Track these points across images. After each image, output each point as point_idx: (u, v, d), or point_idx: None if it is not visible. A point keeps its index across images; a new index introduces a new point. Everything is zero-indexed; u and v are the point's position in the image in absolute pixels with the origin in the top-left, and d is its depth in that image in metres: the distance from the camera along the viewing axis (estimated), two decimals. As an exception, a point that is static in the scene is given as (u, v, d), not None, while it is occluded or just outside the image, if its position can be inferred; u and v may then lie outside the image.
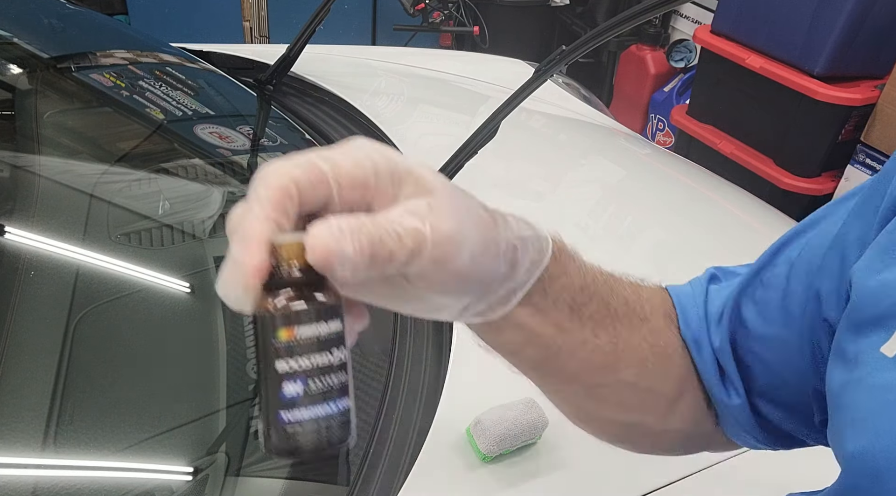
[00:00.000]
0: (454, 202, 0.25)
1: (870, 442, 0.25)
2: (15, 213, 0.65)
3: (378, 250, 0.23)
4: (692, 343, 0.37)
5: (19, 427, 0.50)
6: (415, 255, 0.24)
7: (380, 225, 0.23)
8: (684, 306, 0.38)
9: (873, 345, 0.27)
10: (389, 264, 0.23)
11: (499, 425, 0.60)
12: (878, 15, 1.54)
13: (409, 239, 0.24)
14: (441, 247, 0.24)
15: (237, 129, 0.98)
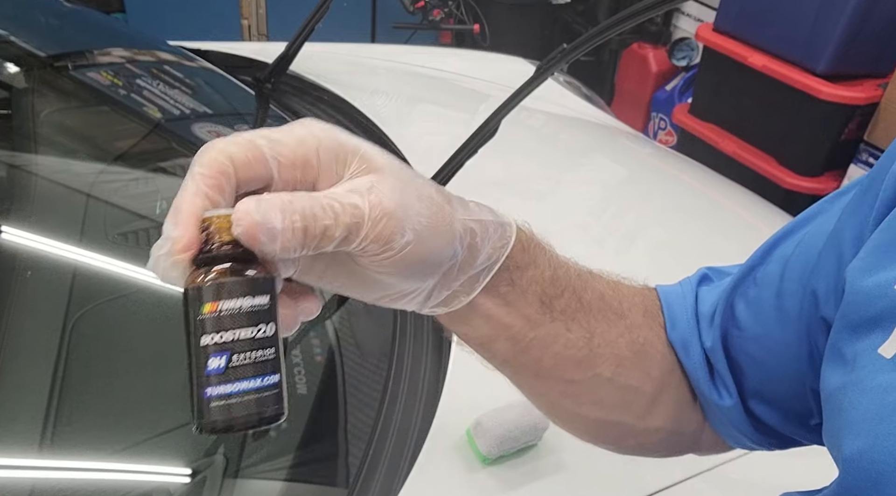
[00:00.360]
0: (400, 181, 0.25)
1: (869, 445, 0.25)
2: (12, 212, 0.65)
3: (311, 225, 0.23)
4: (679, 344, 0.37)
5: (16, 428, 0.50)
6: (352, 232, 0.23)
7: (316, 200, 0.23)
8: (672, 307, 0.38)
9: (871, 347, 0.26)
10: (325, 241, 0.23)
11: (499, 427, 0.59)
12: (881, 13, 1.53)
13: (347, 215, 0.23)
14: (380, 223, 0.24)
15: (235, 127, 0.98)
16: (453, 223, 0.27)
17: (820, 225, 0.34)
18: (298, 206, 0.23)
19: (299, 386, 0.63)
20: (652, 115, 2.38)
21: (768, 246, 0.37)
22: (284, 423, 0.60)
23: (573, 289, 0.32)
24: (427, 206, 0.26)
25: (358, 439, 0.60)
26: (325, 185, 0.25)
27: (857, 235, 0.30)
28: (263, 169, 0.24)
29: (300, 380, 0.64)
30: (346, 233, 0.24)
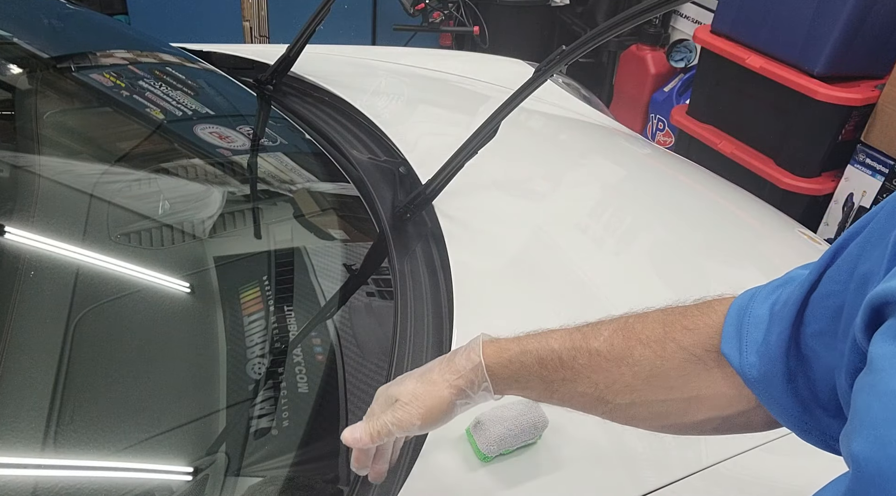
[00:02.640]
0: (408, 401, 0.48)
1: (877, 450, 0.25)
2: (15, 212, 0.65)
3: (373, 433, 0.48)
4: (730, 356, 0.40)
5: (19, 427, 0.50)
6: (389, 434, 0.48)
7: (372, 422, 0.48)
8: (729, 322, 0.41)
9: (892, 352, 0.26)
10: (378, 438, 0.48)
11: (498, 425, 0.60)
12: (878, 15, 1.54)
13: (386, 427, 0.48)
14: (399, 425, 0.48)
15: (237, 129, 0.98)
16: (442, 396, 0.47)
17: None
18: (366, 428, 0.48)
19: (300, 385, 0.64)
20: (650, 116, 2.39)
21: (839, 244, 0.37)
22: (286, 422, 0.60)
23: (562, 363, 0.45)
24: (421, 401, 0.47)
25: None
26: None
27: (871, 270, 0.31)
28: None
29: (301, 380, 0.64)
30: (389, 435, 0.48)
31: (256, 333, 0.66)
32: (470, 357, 0.47)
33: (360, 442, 0.48)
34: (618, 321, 0.45)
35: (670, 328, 0.43)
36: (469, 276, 0.79)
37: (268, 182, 0.92)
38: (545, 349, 0.45)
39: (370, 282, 0.80)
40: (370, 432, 0.47)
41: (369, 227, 0.87)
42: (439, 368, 0.49)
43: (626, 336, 0.43)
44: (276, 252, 0.78)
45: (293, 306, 0.71)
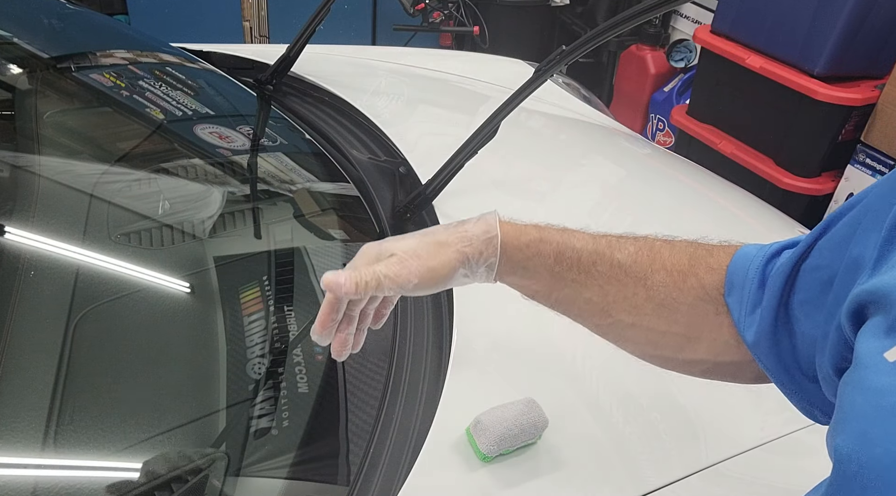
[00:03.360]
0: (407, 255, 0.43)
1: (858, 446, 0.25)
2: (15, 212, 0.65)
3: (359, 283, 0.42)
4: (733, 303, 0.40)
5: (19, 427, 0.50)
6: (379, 286, 0.43)
7: (359, 271, 0.43)
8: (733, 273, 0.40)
9: (878, 349, 0.26)
10: (367, 290, 0.42)
11: (498, 425, 0.60)
12: (877, 15, 1.54)
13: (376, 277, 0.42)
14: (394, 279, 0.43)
15: (237, 129, 0.98)
16: (448, 258, 0.43)
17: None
18: (353, 274, 0.42)
19: (300, 385, 0.64)
20: (650, 116, 2.39)
21: (832, 217, 0.37)
22: (286, 422, 0.60)
23: (580, 264, 0.43)
24: (424, 259, 0.43)
25: (358, 437, 0.60)
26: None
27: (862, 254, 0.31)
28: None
29: (301, 380, 0.64)
30: (378, 288, 0.42)
31: (256, 333, 0.66)
32: (485, 227, 0.44)
33: (342, 287, 0.40)
34: (644, 240, 0.44)
35: (696, 263, 0.42)
36: (469, 276, 0.79)
37: (268, 182, 0.92)
38: (566, 245, 0.44)
39: (370, 282, 0.80)
40: (356, 280, 0.41)
41: (369, 227, 0.87)
42: (446, 231, 0.45)
43: (652, 257, 0.42)
44: (276, 252, 0.78)
45: (293, 306, 0.71)
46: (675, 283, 0.41)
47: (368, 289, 0.42)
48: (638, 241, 0.44)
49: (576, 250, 0.43)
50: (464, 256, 0.43)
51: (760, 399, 0.73)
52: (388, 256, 0.43)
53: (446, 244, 0.44)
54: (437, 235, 0.44)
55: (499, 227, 0.44)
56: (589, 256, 0.43)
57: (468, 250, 0.43)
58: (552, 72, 0.78)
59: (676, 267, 0.42)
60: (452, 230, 0.45)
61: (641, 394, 0.70)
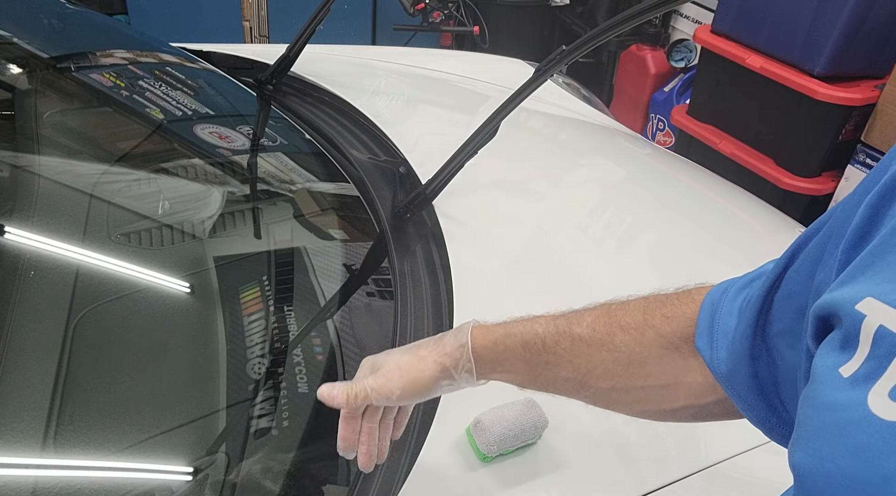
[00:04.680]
0: (390, 370, 0.48)
1: (814, 463, 0.25)
2: (15, 212, 0.65)
3: (350, 397, 0.48)
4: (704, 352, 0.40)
5: (19, 427, 0.50)
6: (367, 399, 0.48)
7: (351, 385, 0.48)
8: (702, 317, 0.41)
9: (833, 364, 0.26)
10: (357, 402, 0.48)
11: (498, 425, 0.60)
12: (878, 15, 1.54)
13: (364, 391, 0.48)
14: (378, 392, 0.48)
15: (237, 128, 0.98)
16: (426, 370, 0.48)
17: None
18: (346, 388, 0.48)
19: (300, 385, 0.64)
20: (650, 116, 2.39)
21: (799, 242, 0.37)
22: (286, 422, 0.60)
23: (545, 347, 0.46)
24: (405, 372, 0.48)
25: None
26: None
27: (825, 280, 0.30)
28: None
29: (301, 380, 0.64)
30: (365, 400, 0.48)
31: (256, 333, 0.66)
32: (458, 337, 0.49)
33: (335, 399, 0.47)
34: (601, 308, 0.46)
35: (650, 316, 0.43)
36: (469, 276, 0.79)
37: (268, 182, 0.92)
38: (529, 333, 0.47)
39: (370, 282, 0.80)
40: (347, 392, 0.47)
41: (369, 227, 0.87)
42: (427, 345, 0.50)
43: (608, 322, 0.44)
44: (275, 252, 0.78)
45: (293, 306, 0.71)
46: (635, 340, 0.43)
47: (358, 400, 0.48)
48: (595, 310, 0.46)
49: (539, 335, 0.46)
50: (442, 368, 0.48)
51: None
52: (377, 370, 0.49)
53: (426, 358, 0.49)
54: (420, 350, 0.49)
55: (470, 335, 0.48)
56: (552, 338, 0.46)
57: (446, 361, 0.48)
58: (552, 72, 0.78)
59: (632, 325, 0.43)
60: (433, 344, 0.50)
61: (641, 394, 0.70)
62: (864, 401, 0.24)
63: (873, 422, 0.24)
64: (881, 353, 0.25)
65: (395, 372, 0.48)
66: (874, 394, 0.24)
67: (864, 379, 0.25)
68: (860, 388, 0.25)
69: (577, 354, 0.45)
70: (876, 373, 0.24)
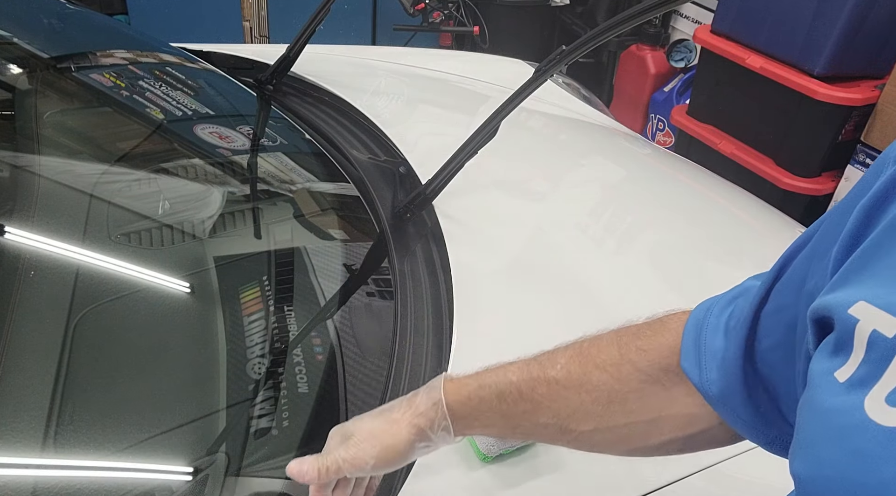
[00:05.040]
0: (361, 438, 0.46)
1: (814, 470, 0.25)
2: (15, 213, 0.65)
3: (321, 470, 0.46)
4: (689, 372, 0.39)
5: (19, 427, 0.50)
6: (340, 471, 0.46)
7: (323, 459, 0.46)
8: (687, 339, 0.40)
9: (829, 369, 0.26)
10: (328, 476, 0.45)
11: (499, 425, 0.60)
12: (878, 15, 1.54)
13: (336, 463, 0.46)
14: (352, 463, 0.46)
15: (237, 129, 0.98)
16: (401, 435, 0.45)
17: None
18: (314, 462, 0.46)
19: (300, 385, 0.64)
20: (650, 116, 2.39)
21: (786, 257, 0.36)
22: (286, 422, 0.60)
23: (521, 395, 0.44)
24: (378, 439, 0.45)
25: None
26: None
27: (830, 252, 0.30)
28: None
29: (301, 380, 0.64)
30: (337, 473, 0.45)
31: (256, 333, 0.66)
32: (430, 395, 0.46)
33: (305, 475, 0.45)
34: (573, 347, 0.44)
35: (625, 350, 0.42)
36: (469, 276, 0.79)
37: (268, 182, 0.92)
38: (503, 382, 0.45)
39: (370, 282, 0.80)
40: (318, 467, 0.45)
41: (369, 227, 0.87)
42: (399, 407, 0.47)
43: (583, 362, 0.43)
44: (276, 252, 0.78)
45: (293, 306, 0.71)
46: (612, 378, 0.42)
47: (330, 474, 0.45)
48: (567, 350, 0.44)
49: (513, 384, 0.44)
50: (417, 429, 0.46)
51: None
52: (348, 438, 0.46)
53: (399, 421, 0.46)
54: (392, 413, 0.47)
55: (442, 390, 0.46)
56: (527, 385, 0.44)
57: (420, 422, 0.46)
58: (552, 72, 0.78)
59: (608, 362, 0.42)
60: (405, 405, 0.47)
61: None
62: (861, 406, 0.24)
63: (870, 427, 0.23)
64: (876, 358, 0.25)
65: (368, 441, 0.45)
66: (871, 399, 0.24)
67: (860, 384, 0.25)
68: (856, 393, 0.25)
69: (555, 399, 0.43)
70: (872, 379, 0.24)
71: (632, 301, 0.81)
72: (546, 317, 0.77)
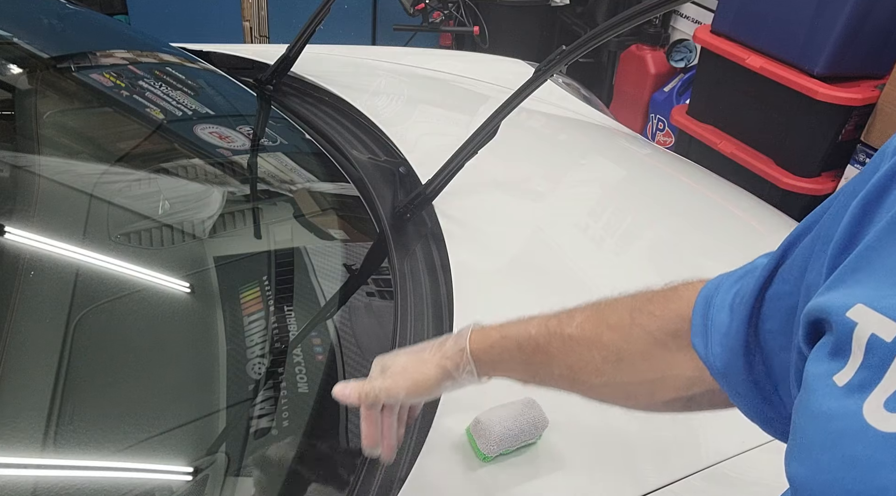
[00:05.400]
0: (396, 373, 0.52)
1: (811, 474, 0.25)
2: (15, 213, 0.65)
3: (361, 395, 0.51)
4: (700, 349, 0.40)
5: (19, 427, 0.50)
6: (377, 399, 0.51)
7: (363, 385, 0.52)
8: (696, 314, 0.41)
9: (827, 372, 0.26)
10: (369, 400, 0.51)
11: (498, 425, 0.60)
12: (878, 14, 1.54)
13: (373, 392, 0.51)
14: (387, 393, 0.51)
15: (237, 129, 0.98)
16: (429, 373, 0.51)
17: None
18: (357, 387, 0.52)
19: (300, 385, 0.64)
20: (650, 116, 2.39)
21: (790, 240, 0.37)
22: (286, 422, 0.60)
23: (538, 348, 0.48)
24: (409, 374, 0.51)
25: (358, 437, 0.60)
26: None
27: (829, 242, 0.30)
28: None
29: (301, 380, 0.64)
30: (375, 399, 0.51)
31: (256, 333, 0.66)
32: (458, 342, 0.52)
33: (347, 398, 0.51)
34: (591, 307, 0.48)
35: (637, 313, 0.44)
36: (469, 276, 0.79)
37: (268, 182, 0.92)
38: (523, 335, 0.49)
39: (370, 282, 0.80)
40: (359, 392, 0.51)
41: (369, 227, 0.87)
42: (429, 348, 0.53)
43: (597, 322, 0.46)
44: (276, 252, 0.78)
45: (293, 306, 0.71)
46: (621, 338, 0.45)
47: (369, 399, 0.51)
48: (585, 309, 0.48)
49: (532, 337, 0.49)
50: (443, 370, 0.52)
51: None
52: (385, 370, 0.53)
53: (428, 361, 0.52)
54: (423, 353, 0.53)
55: (469, 339, 0.51)
56: (544, 338, 0.48)
57: (447, 364, 0.52)
58: (552, 72, 0.78)
59: (619, 323, 0.45)
60: (435, 348, 0.53)
61: (641, 394, 0.70)
62: (860, 411, 0.24)
63: (869, 433, 0.23)
64: (875, 363, 0.24)
65: (401, 374, 0.51)
66: (869, 405, 0.24)
67: (858, 388, 0.25)
68: (855, 398, 0.24)
69: (568, 354, 0.47)
70: (871, 383, 0.24)
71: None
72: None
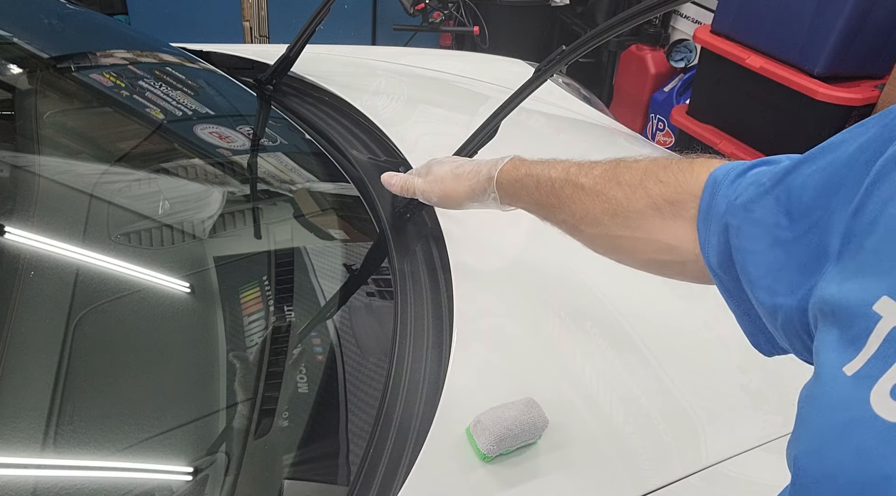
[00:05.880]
0: (434, 177, 0.66)
1: (815, 462, 0.25)
2: (15, 213, 0.65)
3: (404, 186, 0.70)
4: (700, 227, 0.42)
5: (19, 427, 0.50)
6: (415, 193, 0.68)
7: (407, 179, 0.69)
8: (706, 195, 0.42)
9: (838, 362, 0.26)
10: (407, 192, 0.69)
11: (499, 425, 0.60)
12: (878, 15, 1.54)
13: (415, 186, 0.68)
14: (423, 192, 0.66)
15: (237, 129, 0.98)
16: (461, 190, 0.62)
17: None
18: (403, 179, 0.69)
19: (300, 385, 0.64)
20: (650, 116, 2.39)
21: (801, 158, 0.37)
22: (286, 422, 0.60)
23: (553, 191, 0.53)
24: (444, 186, 0.64)
25: (358, 437, 0.60)
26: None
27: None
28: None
29: (301, 379, 0.64)
30: (412, 195, 0.69)
31: (256, 333, 0.66)
32: (491, 170, 0.59)
33: (392, 187, 0.69)
34: (613, 162, 0.50)
35: (647, 177, 0.46)
36: (469, 276, 0.80)
37: (268, 182, 0.92)
38: (545, 176, 0.54)
39: (370, 282, 0.80)
40: (402, 184, 0.67)
41: (369, 227, 0.87)
42: (469, 168, 0.61)
43: (610, 177, 0.49)
44: (276, 252, 0.78)
45: (293, 306, 0.71)
46: (625, 195, 0.48)
47: (407, 192, 0.67)
48: (607, 164, 0.51)
49: (551, 180, 0.53)
50: (472, 190, 0.60)
51: (760, 399, 0.73)
52: (429, 174, 0.64)
53: (462, 178, 0.61)
54: (461, 169, 0.62)
55: (499, 169, 0.57)
56: (559, 183, 0.53)
57: (476, 187, 0.60)
58: (552, 72, 0.78)
59: (629, 182, 0.48)
60: (471, 167, 0.60)
61: (641, 394, 0.70)
62: (867, 399, 0.24)
63: (876, 423, 0.23)
64: (889, 352, 0.24)
65: (437, 183, 0.63)
66: (876, 393, 0.24)
67: (866, 376, 0.25)
68: (863, 386, 0.24)
69: (574, 201, 0.51)
70: (879, 371, 0.24)
71: (632, 301, 0.81)
72: (546, 317, 0.77)
